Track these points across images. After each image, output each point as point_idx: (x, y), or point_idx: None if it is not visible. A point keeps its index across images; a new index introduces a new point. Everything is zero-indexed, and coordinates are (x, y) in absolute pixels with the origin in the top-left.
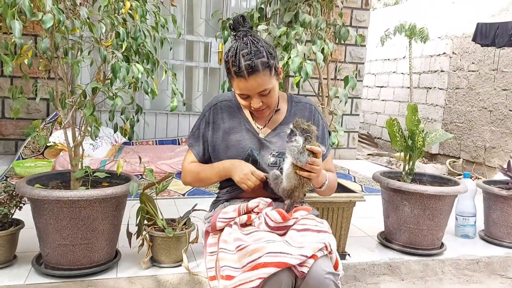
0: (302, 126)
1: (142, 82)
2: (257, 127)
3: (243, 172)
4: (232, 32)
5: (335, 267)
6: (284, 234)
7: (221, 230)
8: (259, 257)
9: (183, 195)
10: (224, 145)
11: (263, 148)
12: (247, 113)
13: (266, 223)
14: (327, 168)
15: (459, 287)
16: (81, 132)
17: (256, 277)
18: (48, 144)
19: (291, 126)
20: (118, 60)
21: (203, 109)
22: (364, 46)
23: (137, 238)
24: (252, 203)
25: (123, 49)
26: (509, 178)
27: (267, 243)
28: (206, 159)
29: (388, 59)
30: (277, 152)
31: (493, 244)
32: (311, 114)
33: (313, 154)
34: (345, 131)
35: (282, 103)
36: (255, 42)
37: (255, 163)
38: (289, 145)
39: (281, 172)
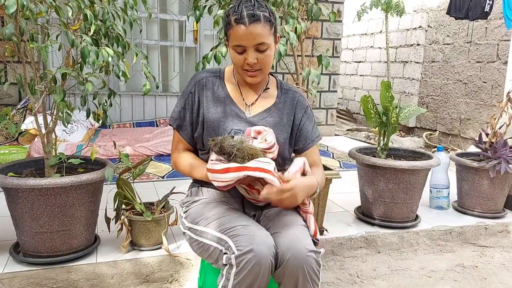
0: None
1: (113, 66)
2: (245, 104)
3: None
4: None
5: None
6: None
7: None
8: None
9: (162, 177)
10: (208, 119)
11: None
12: (232, 90)
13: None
14: (312, 160)
15: (433, 257)
16: (53, 119)
17: None
18: (20, 131)
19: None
20: (87, 44)
21: (186, 86)
22: (341, 21)
23: (115, 223)
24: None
25: (92, 33)
26: (480, 150)
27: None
28: (195, 140)
29: (365, 34)
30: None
31: (466, 214)
32: (293, 103)
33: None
34: (323, 108)
35: (271, 85)
36: (259, 0)
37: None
38: None
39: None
